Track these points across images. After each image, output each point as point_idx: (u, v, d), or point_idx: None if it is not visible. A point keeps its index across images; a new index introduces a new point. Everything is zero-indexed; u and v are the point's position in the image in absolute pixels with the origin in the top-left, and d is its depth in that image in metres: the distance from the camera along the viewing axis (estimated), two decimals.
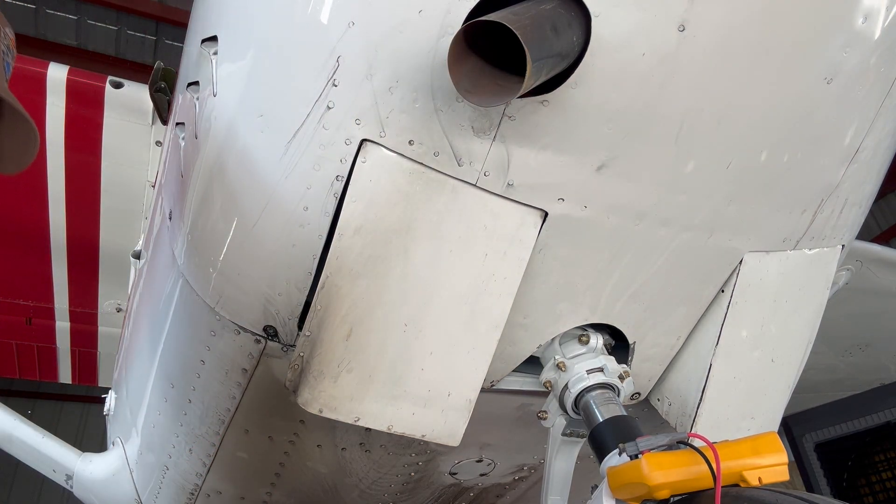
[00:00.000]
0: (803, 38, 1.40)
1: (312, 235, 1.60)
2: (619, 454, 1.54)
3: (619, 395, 1.82)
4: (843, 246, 1.91)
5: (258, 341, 1.84)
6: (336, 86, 1.44)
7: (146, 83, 3.11)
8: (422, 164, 1.49)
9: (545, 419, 1.95)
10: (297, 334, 1.76)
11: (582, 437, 1.89)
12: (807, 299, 1.96)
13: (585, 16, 1.29)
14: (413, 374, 1.68)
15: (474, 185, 1.51)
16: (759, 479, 1.43)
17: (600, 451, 1.66)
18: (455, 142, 1.45)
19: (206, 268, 1.81)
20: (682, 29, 1.31)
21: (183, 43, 2.24)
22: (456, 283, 1.62)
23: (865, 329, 4.16)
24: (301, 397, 1.69)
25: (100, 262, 4.34)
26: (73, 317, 4.69)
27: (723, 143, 1.50)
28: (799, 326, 1.98)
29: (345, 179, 1.52)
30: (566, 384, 1.83)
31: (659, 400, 2.05)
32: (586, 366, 1.82)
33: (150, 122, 3.56)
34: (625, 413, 1.74)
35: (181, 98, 2.13)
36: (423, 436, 1.75)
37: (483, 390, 1.76)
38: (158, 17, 10.49)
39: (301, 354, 1.68)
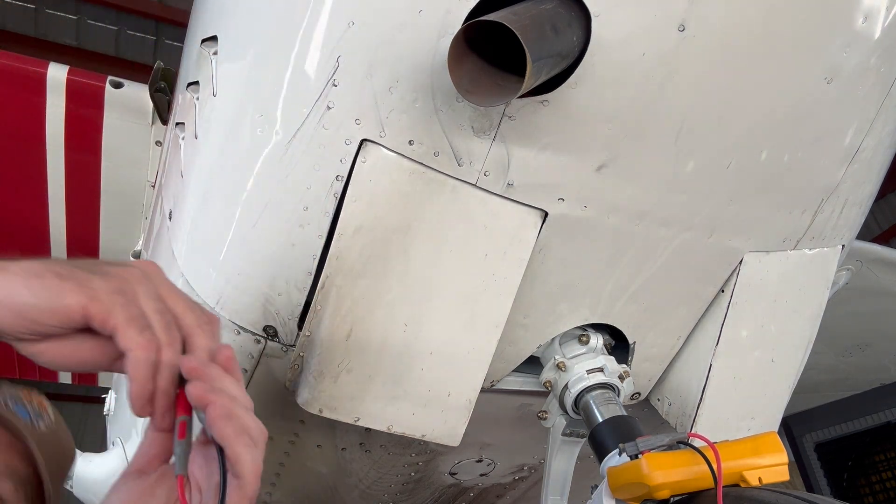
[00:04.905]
0: (803, 38, 1.40)
1: (312, 235, 1.60)
2: (619, 454, 1.54)
3: (619, 395, 1.82)
4: (843, 246, 1.91)
5: (258, 341, 1.84)
6: (336, 86, 1.44)
7: (146, 83, 3.11)
8: (422, 164, 1.48)
9: (545, 419, 1.95)
10: (297, 334, 1.75)
11: (582, 437, 1.89)
12: (807, 299, 1.95)
13: (585, 16, 1.29)
14: (413, 374, 1.68)
15: (474, 185, 1.51)
16: (760, 479, 1.43)
17: (600, 451, 1.66)
18: (455, 142, 1.45)
19: (206, 268, 1.81)
20: (682, 29, 1.31)
21: (183, 43, 2.24)
22: (456, 283, 1.62)
23: (865, 329, 4.14)
24: (301, 397, 1.69)
25: None
26: None
27: (723, 143, 1.50)
28: (799, 326, 1.98)
29: (345, 179, 1.52)
30: (566, 384, 1.83)
31: (659, 400, 2.05)
32: (586, 366, 1.82)
33: (150, 122, 3.54)
34: (625, 413, 1.74)
35: (181, 98, 2.13)
36: (423, 436, 1.75)
37: (483, 390, 1.76)
38: (158, 17, 10.51)
39: (301, 354, 1.68)
